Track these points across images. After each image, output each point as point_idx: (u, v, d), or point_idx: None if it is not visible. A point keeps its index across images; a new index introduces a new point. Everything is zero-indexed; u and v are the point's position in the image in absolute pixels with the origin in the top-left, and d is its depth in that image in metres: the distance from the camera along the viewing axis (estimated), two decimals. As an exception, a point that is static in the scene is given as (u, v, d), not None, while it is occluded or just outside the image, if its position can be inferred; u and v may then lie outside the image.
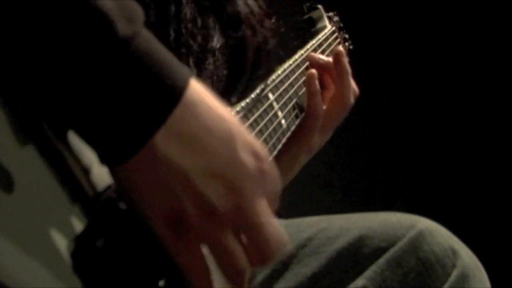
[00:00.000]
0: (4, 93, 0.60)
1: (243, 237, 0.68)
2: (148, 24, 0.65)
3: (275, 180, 0.70)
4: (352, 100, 1.21)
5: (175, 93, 0.63)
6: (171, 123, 0.63)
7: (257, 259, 0.69)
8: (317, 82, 1.15)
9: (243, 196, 0.66)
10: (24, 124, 0.61)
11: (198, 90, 0.66)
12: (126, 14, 0.62)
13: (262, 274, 1.16)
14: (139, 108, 0.62)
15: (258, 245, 0.68)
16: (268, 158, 0.70)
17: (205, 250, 0.68)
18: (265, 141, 1.01)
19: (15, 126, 0.60)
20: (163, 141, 0.63)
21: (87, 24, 0.59)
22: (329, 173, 2.75)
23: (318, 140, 1.20)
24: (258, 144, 0.70)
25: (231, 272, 0.68)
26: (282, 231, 0.69)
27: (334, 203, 2.70)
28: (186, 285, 0.71)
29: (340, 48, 1.22)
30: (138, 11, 0.64)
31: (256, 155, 0.68)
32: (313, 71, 1.16)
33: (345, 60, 1.20)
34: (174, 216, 0.65)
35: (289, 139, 1.11)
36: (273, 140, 1.04)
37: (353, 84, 1.22)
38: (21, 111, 0.61)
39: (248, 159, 0.67)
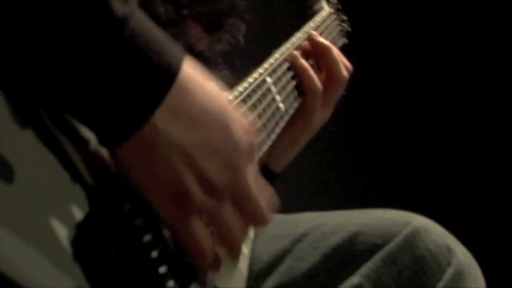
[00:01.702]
0: (1, 80, 0.60)
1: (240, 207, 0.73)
2: None
3: (257, 152, 0.77)
4: (345, 73, 1.22)
5: (172, 71, 0.66)
6: (169, 100, 0.65)
7: (254, 221, 0.75)
8: (301, 60, 1.15)
9: (237, 170, 0.71)
10: (23, 112, 0.61)
11: (191, 68, 0.69)
12: None
13: (257, 268, 1.16)
14: (138, 86, 0.63)
15: (251, 208, 0.74)
16: (253, 133, 0.75)
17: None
18: (264, 126, 1.01)
19: (13, 114, 0.60)
20: (163, 118, 0.65)
21: (84, 5, 0.61)
22: (324, 170, 2.75)
23: (318, 119, 1.21)
24: (245, 121, 0.74)
25: (229, 238, 0.73)
26: (272, 192, 0.77)
27: (329, 199, 2.69)
28: (186, 270, 0.73)
29: (312, 31, 1.23)
30: None
31: (245, 131, 0.72)
32: (295, 52, 1.17)
33: (319, 38, 1.21)
34: (176, 192, 0.67)
35: (292, 117, 1.13)
36: (272, 124, 1.04)
37: (342, 58, 1.24)
38: (18, 97, 0.61)
39: (240, 135, 0.71)
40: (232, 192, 0.71)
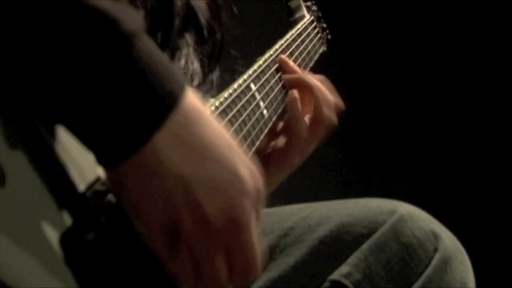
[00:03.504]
0: None
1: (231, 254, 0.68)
2: None
3: (264, 199, 0.71)
4: (329, 115, 1.19)
5: (174, 95, 0.64)
6: (172, 125, 0.63)
7: (241, 277, 0.70)
8: (299, 104, 1.15)
9: (240, 215, 0.66)
10: (14, 116, 0.61)
11: (195, 98, 0.66)
12: (128, 12, 0.62)
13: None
14: (141, 105, 0.62)
15: (244, 263, 0.69)
16: (262, 178, 0.70)
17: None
18: (248, 132, 1.02)
19: (4, 119, 0.60)
20: (164, 142, 0.63)
21: (92, 20, 0.59)
22: (324, 171, 2.75)
23: (296, 160, 1.21)
24: (252, 162, 0.70)
25: (211, 284, 0.68)
26: (260, 259, 0.71)
27: (328, 197, 2.68)
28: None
29: (298, 74, 1.19)
30: (136, 12, 0.64)
31: (252, 173, 0.69)
32: (295, 94, 1.16)
33: (304, 79, 1.18)
34: (168, 225, 0.65)
35: (269, 157, 1.14)
36: (256, 130, 1.05)
37: (331, 98, 1.20)
38: (10, 108, 0.61)
39: (246, 175, 0.67)
40: (229, 237, 0.67)
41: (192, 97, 0.66)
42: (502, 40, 2.99)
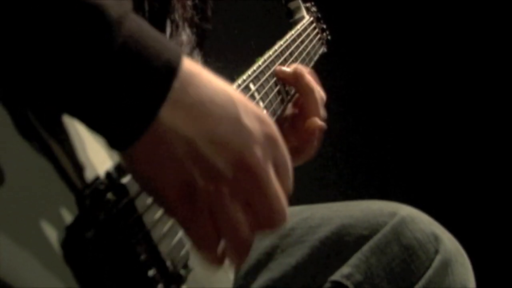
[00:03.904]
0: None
1: (249, 204, 0.68)
2: None
3: (282, 143, 0.70)
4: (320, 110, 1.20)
5: (171, 66, 0.64)
6: (173, 95, 0.64)
7: (267, 221, 0.69)
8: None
9: (252, 160, 0.66)
10: (14, 117, 0.61)
11: (191, 63, 0.67)
12: None
13: (246, 265, 1.17)
14: (140, 86, 0.62)
15: (269, 207, 0.68)
16: (273, 123, 0.70)
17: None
18: None
19: (4, 120, 0.60)
20: (168, 113, 0.64)
21: (79, 8, 0.59)
22: (326, 173, 2.74)
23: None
24: (261, 110, 0.70)
25: (233, 237, 0.68)
26: (286, 202, 0.70)
27: (328, 197, 2.67)
28: (175, 273, 0.73)
29: (300, 68, 1.20)
30: None
31: (260, 120, 0.69)
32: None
33: (304, 80, 1.18)
34: (184, 188, 0.66)
35: None
36: None
37: (321, 93, 1.20)
38: (10, 107, 0.61)
39: (253, 124, 0.67)
40: (245, 187, 0.67)
41: (188, 62, 0.66)
42: (501, 43, 2.99)
